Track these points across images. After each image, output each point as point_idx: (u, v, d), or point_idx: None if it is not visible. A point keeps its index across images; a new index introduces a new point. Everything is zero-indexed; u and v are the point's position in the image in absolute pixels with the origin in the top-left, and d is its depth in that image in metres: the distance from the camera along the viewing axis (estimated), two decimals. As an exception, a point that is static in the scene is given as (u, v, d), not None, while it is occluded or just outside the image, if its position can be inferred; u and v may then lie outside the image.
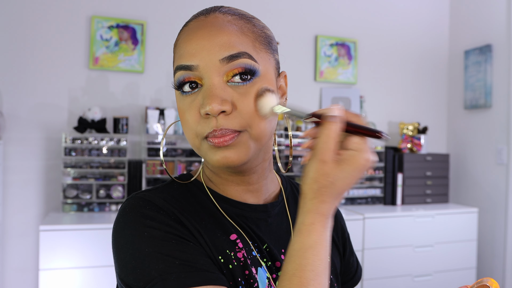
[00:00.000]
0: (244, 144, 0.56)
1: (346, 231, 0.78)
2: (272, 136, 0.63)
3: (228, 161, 0.55)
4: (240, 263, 0.58)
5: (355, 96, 2.93)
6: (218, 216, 0.61)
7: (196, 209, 0.61)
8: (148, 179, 2.38)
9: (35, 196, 2.36)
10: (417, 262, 2.53)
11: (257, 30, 0.59)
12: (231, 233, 0.60)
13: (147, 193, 0.60)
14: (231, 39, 0.54)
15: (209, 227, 0.59)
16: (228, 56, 0.54)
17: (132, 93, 2.53)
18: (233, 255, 0.58)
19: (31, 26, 2.35)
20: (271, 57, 0.60)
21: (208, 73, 0.54)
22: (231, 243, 0.59)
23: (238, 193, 0.64)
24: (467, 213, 2.68)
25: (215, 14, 0.58)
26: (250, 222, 0.63)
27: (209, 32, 0.55)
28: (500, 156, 2.68)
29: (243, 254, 0.59)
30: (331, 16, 2.95)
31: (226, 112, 0.54)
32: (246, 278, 0.58)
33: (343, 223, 0.78)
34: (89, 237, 2.01)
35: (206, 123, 0.55)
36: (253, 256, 0.60)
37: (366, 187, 2.78)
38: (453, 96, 3.16)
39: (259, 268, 0.60)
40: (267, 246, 0.63)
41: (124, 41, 2.48)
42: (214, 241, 0.58)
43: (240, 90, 0.55)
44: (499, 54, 2.72)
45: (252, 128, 0.55)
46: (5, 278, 2.31)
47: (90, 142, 2.29)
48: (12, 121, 2.31)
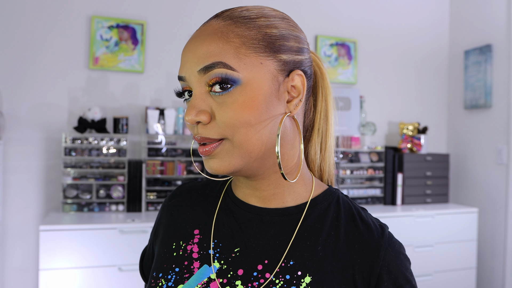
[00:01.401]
0: (227, 153, 0.56)
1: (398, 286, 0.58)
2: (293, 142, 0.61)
3: (212, 170, 0.57)
4: (185, 254, 0.63)
5: (355, 96, 2.93)
6: (207, 211, 0.67)
7: (197, 202, 0.70)
8: (148, 179, 2.38)
9: (35, 196, 2.36)
10: (417, 262, 2.53)
11: (250, 33, 0.56)
12: (196, 228, 0.66)
13: (187, 183, 0.76)
14: (209, 49, 0.55)
15: (186, 219, 0.68)
16: (203, 67, 0.55)
17: (132, 93, 2.53)
18: (184, 246, 0.64)
19: (31, 26, 2.35)
20: (266, 60, 0.56)
21: (191, 83, 0.57)
22: (189, 236, 0.65)
23: (244, 195, 0.65)
24: (467, 213, 2.68)
25: (210, 22, 0.58)
26: (241, 220, 0.63)
27: (194, 44, 0.57)
28: (500, 156, 2.68)
29: (191, 249, 0.63)
30: (331, 16, 2.95)
31: (203, 122, 0.55)
32: (182, 267, 0.62)
33: (383, 271, 0.57)
34: (89, 237, 2.01)
35: (192, 130, 0.58)
36: (207, 253, 0.62)
37: (366, 187, 2.78)
38: (453, 96, 3.16)
39: (206, 266, 0.61)
40: (239, 251, 0.61)
41: (124, 41, 2.48)
42: (178, 231, 0.67)
43: (218, 99, 0.55)
44: (499, 54, 2.72)
45: (233, 136, 0.55)
46: (5, 278, 2.31)
47: (90, 142, 2.29)
48: (12, 121, 2.31)
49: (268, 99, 0.56)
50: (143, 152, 2.43)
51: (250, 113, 0.54)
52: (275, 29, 0.58)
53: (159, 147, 2.40)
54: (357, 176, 2.76)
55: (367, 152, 2.80)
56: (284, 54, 0.58)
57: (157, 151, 2.40)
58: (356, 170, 2.76)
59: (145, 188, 2.36)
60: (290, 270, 0.58)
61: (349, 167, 2.75)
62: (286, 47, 0.58)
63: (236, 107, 0.54)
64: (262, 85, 0.55)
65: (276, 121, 0.57)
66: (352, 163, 2.74)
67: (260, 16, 0.58)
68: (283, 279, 0.57)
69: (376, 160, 2.80)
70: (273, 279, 0.57)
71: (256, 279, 0.58)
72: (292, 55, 0.58)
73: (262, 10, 0.59)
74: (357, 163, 2.75)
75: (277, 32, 0.58)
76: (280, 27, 0.58)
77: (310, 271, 0.57)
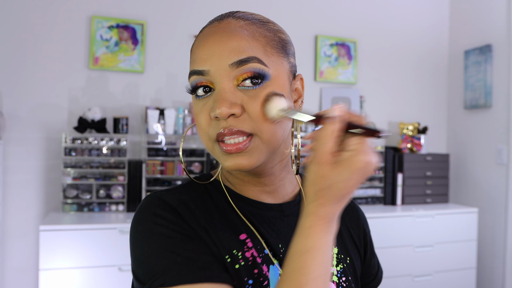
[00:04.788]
0: (257, 149, 0.57)
1: (369, 233, 0.78)
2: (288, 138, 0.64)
3: (239, 167, 0.57)
4: (248, 262, 0.59)
5: (355, 96, 2.93)
6: (230, 216, 0.62)
7: (209, 209, 0.62)
8: (148, 179, 2.38)
9: (35, 196, 2.36)
10: (417, 262, 2.53)
11: (270, 35, 0.59)
12: (241, 233, 0.61)
13: (163, 193, 0.62)
14: (241, 44, 0.56)
15: (219, 227, 0.60)
16: (237, 61, 0.55)
17: (132, 93, 2.53)
18: (241, 255, 0.59)
19: (31, 26, 2.35)
20: (284, 61, 0.60)
21: (218, 77, 0.56)
22: (239, 242, 0.60)
23: (254, 193, 0.65)
24: (467, 213, 2.68)
25: (228, 20, 0.59)
26: (265, 220, 0.64)
27: (220, 38, 0.57)
28: (500, 156, 2.68)
29: (251, 254, 0.60)
30: (331, 16, 2.95)
31: (236, 114, 0.55)
32: (255, 277, 0.58)
33: (365, 225, 0.78)
34: (89, 237, 2.01)
35: (217, 125, 0.56)
36: (265, 254, 0.61)
37: (366, 187, 2.78)
38: (453, 96, 3.16)
39: (271, 266, 0.60)
40: (282, 245, 0.63)
41: (124, 41, 2.48)
42: (222, 241, 0.59)
43: (250, 93, 0.56)
44: (499, 54, 2.72)
45: (263, 132, 0.56)
46: (5, 278, 2.31)
47: (90, 142, 2.29)
48: (12, 121, 2.31)
49: (287, 96, 0.59)
50: (143, 152, 2.43)
51: None
52: (283, 35, 0.63)
53: (159, 147, 2.40)
54: (357, 176, 2.76)
55: (367, 152, 2.80)
56: (292, 57, 0.63)
57: (157, 151, 2.40)
58: (356, 170, 2.75)
59: (145, 188, 2.36)
60: None
61: (349, 167, 2.74)
62: (292, 52, 0.64)
63: None
64: (284, 83, 0.59)
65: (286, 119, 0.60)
66: (352, 163, 2.74)
67: (269, 21, 0.62)
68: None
69: (379, 161, 2.79)
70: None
71: None
72: (294, 59, 0.64)
73: (263, 16, 0.64)
74: (357, 163, 2.75)
75: (285, 37, 0.63)
76: (285, 33, 0.64)
77: (334, 244, 0.67)
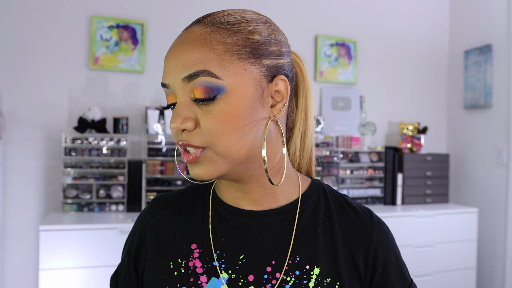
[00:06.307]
0: (210, 160, 0.56)
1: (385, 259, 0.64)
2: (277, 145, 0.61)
3: (198, 176, 0.57)
4: (188, 271, 0.61)
5: (355, 96, 2.93)
6: (198, 222, 0.65)
7: (182, 213, 0.67)
8: (148, 179, 2.38)
9: (35, 196, 2.36)
10: (417, 262, 2.53)
11: (233, 40, 0.56)
12: (193, 242, 0.63)
13: (160, 197, 0.71)
14: (193, 57, 0.55)
15: (178, 234, 0.65)
16: (187, 75, 0.54)
17: (132, 93, 2.53)
18: (184, 263, 0.62)
19: (31, 26, 2.35)
20: (250, 66, 0.56)
21: (176, 91, 0.57)
22: (187, 251, 0.63)
23: (234, 199, 0.64)
24: (467, 213, 2.68)
25: (192, 28, 0.58)
26: (238, 227, 0.63)
27: (177, 51, 0.57)
28: (500, 156, 2.68)
29: (193, 264, 0.62)
30: (331, 16, 2.95)
31: (188, 129, 0.55)
32: (189, 285, 0.60)
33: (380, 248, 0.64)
34: (89, 237, 2.01)
35: (176, 136, 0.58)
36: (212, 266, 0.61)
37: (366, 187, 2.78)
38: (453, 96, 3.16)
39: (214, 278, 0.60)
40: (244, 257, 0.61)
41: (124, 41, 2.48)
42: (171, 249, 0.64)
43: (204, 108, 0.55)
44: (499, 54, 2.72)
45: (216, 146, 0.55)
46: (5, 278, 2.31)
47: (90, 142, 2.29)
48: (12, 121, 2.31)
49: (252, 105, 0.56)
50: (143, 152, 2.43)
51: (235, 122, 0.55)
52: (257, 34, 0.58)
53: (159, 147, 2.40)
54: (357, 176, 2.76)
55: (367, 152, 2.80)
56: (267, 59, 0.58)
57: (157, 151, 2.40)
58: (356, 170, 2.76)
59: (145, 188, 2.36)
60: (298, 265, 0.60)
61: (349, 167, 2.75)
62: (269, 52, 0.58)
63: (221, 116, 0.54)
64: (247, 92, 0.56)
65: (260, 126, 0.57)
66: (352, 163, 2.74)
67: (242, 21, 0.58)
68: (293, 275, 0.60)
69: (376, 160, 2.80)
70: (284, 277, 0.59)
71: (268, 281, 0.59)
72: (274, 59, 0.59)
73: (243, 14, 0.59)
74: (357, 163, 2.75)
75: (259, 37, 0.58)
76: (262, 32, 0.58)
77: (317, 263, 0.60)
